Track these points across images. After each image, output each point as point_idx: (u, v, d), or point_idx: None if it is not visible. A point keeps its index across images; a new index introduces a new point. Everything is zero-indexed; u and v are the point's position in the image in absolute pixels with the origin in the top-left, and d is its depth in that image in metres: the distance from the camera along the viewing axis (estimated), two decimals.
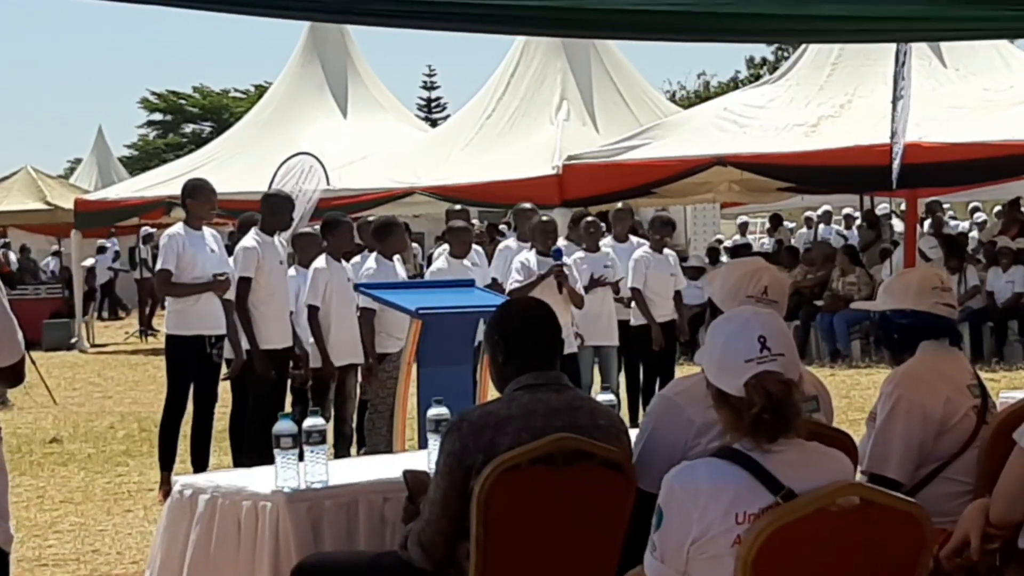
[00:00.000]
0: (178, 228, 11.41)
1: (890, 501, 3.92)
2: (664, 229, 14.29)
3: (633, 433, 5.34)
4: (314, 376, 11.63)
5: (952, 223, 28.95)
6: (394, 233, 12.12)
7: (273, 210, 11.48)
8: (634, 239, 14.70)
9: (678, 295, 14.21)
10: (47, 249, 35.62)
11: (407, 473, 5.45)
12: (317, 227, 12.85)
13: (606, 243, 14.33)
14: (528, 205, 14.39)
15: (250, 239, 11.21)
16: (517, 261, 12.60)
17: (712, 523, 3.78)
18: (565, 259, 12.46)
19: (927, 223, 24.16)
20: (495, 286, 12.96)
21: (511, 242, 14.39)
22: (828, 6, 5.97)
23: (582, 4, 5.81)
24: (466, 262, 12.77)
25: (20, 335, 4.53)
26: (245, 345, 11.14)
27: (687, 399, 4.96)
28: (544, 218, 13.08)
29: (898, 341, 5.75)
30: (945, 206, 28.18)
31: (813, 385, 5.39)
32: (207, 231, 11.49)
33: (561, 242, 13.45)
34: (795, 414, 3.89)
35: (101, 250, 33.78)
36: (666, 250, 14.24)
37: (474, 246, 14.15)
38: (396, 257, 12.15)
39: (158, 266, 11.59)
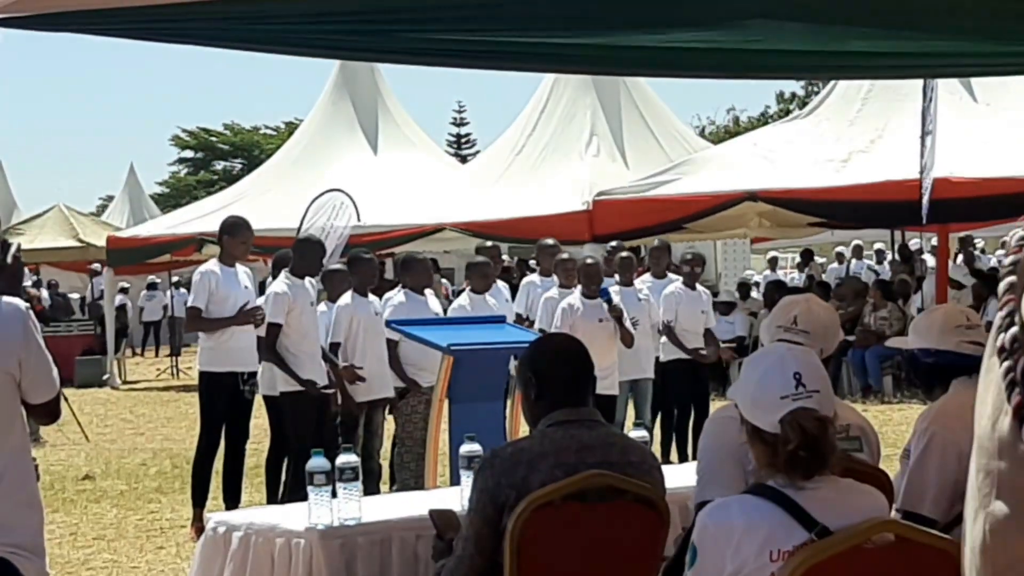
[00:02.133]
0: (211, 265, 11.44)
1: (925, 538, 3.91)
2: (695, 261, 14.25)
3: (667, 469, 5.34)
4: (341, 412, 11.65)
5: (984, 257, 28.85)
6: (418, 267, 12.13)
7: (303, 255, 11.50)
8: (671, 275, 14.68)
9: (708, 332, 14.14)
10: (78, 286, 35.75)
11: (433, 512, 5.46)
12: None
13: (645, 279, 14.37)
14: (551, 241, 14.37)
15: (281, 284, 11.22)
16: (561, 308, 12.52)
17: (746, 561, 3.77)
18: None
19: (959, 258, 24.08)
20: (520, 322, 12.96)
21: (535, 278, 14.37)
22: (858, 42, 5.99)
23: (613, 42, 5.83)
24: (489, 298, 12.76)
25: (55, 372, 4.56)
26: (284, 388, 11.12)
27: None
28: (589, 260, 13.00)
29: (925, 380, 5.76)
30: (978, 242, 28.12)
31: (859, 427, 5.36)
32: (240, 268, 11.52)
33: None
34: (831, 451, 3.88)
35: (151, 286, 33.92)
36: (699, 287, 14.20)
37: (501, 284, 14.13)
38: (429, 291, 12.17)
39: (189, 302, 11.62)
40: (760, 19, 5.42)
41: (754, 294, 24.70)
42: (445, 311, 12.89)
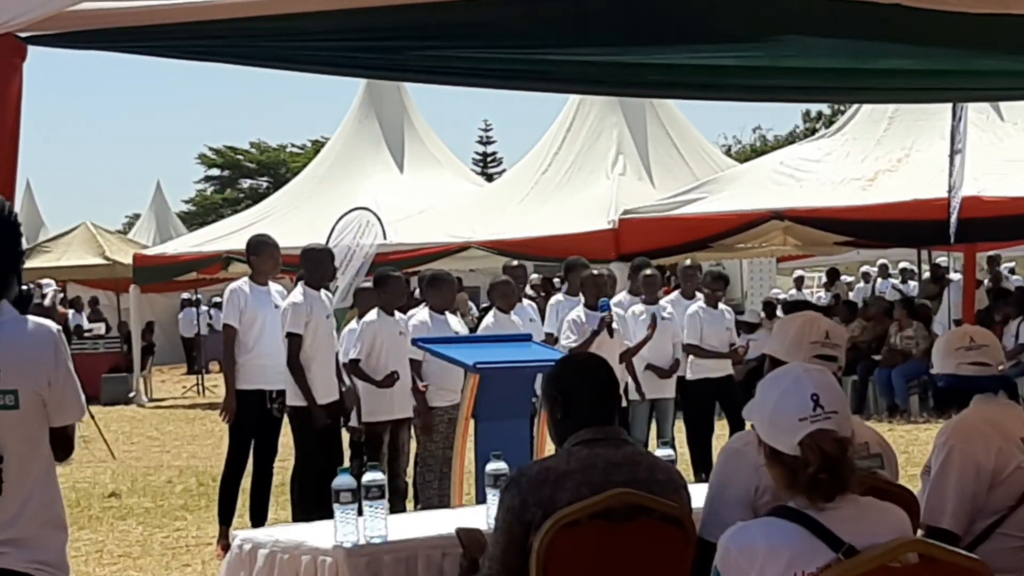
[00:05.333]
0: (241, 283, 11.44)
1: (952, 557, 3.89)
2: (717, 283, 14.31)
3: (695, 488, 5.32)
4: (367, 430, 11.64)
5: (1012, 277, 28.78)
6: (443, 286, 12.11)
7: (315, 264, 11.46)
8: (699, 295, 14.71)
9: (733, 350, 14.20)
10: (105, 303, 35.83)
11: (460, 531, 5.45)
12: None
13: (672, 298, 14.42)
14: (595, 271, 14.39)
15: (297, 295, 11.18)
16: (567, 321, 12.61)
17: None
18: (616, 310, 12.52)
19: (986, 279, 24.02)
20: (550, 341, 12.96)
21: (561, 296, 14.39)
22: (889, 60, 5.98)
23: (644, 60, 5.83)
24: (515, 317, 12.73)
25: (83, 397, 4.55)
26: (293, 401, 11.12)
27: (755, 449, 4.87)
28: (594, 271, 13.07)
29: (939, 402, 5.83)
30: (1010, 264, 27.99)
31: (878, 444, 5.35)
32: (273, 287, 11.53)
33: (623, 295, 13.54)
34: (850, 472, 3.86)
35: (187, 303, 33.97)
36: (721, 305, 14.22)
37: (528, 302, 14.12)
38: (449, 312, 12.16)
39: (222, 321, 11.60)
40: (793, 35, 5.42)
41: (780, 313, 24.62)
42: (472, 330, 12.86)
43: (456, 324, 12.25)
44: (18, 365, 4.36)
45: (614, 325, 12.47)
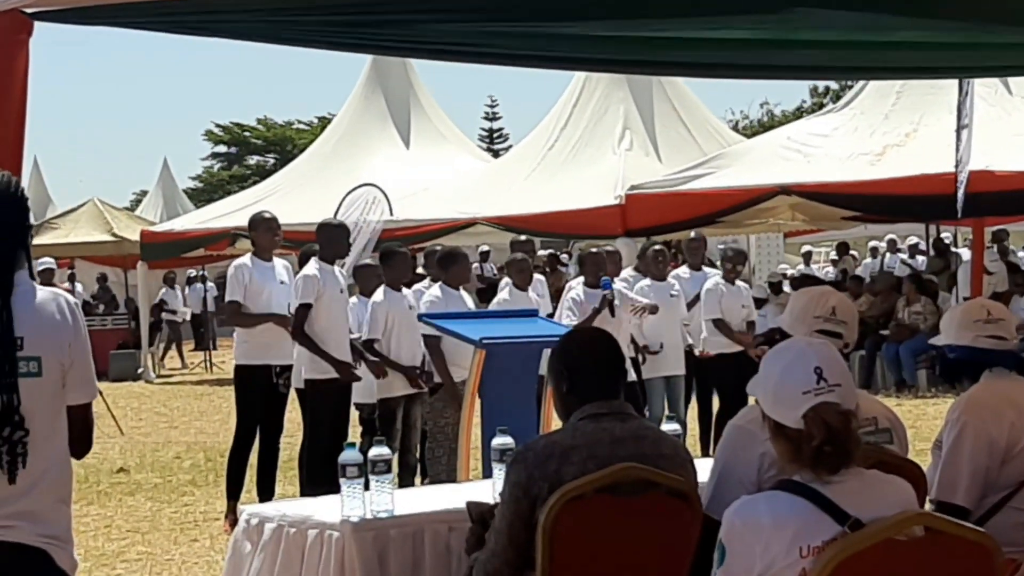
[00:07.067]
0: (245, 259, 11.47)
1: (959, 531, 3.88)
2: (737, 258, 14.30)
3: (703, 463, 5.33)
4: (381, 406, 11.65)
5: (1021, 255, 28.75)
6: (459, 263, 12.11)
7: (329, 239, 11.47)
8: (707, 269, 14.69)
9: (751, 326, 14.19)
10: (113, 280, 35.83)
11: (471, 504, 5.46)
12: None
13: (681, 271, 14.41)
14: (594, 249, 14.42)
15: (311, 268, 11.22)
16: (567, 299, 12.62)
17: (776, 557, 3.74)
18: (620, 286, 12.52)
19: (994, 248, 24.00)
20: None
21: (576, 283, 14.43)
22: (900, 32, 5.95)
23: (653, 33, 5.80)
24: (531, 293, 12.77)
25: (95, 375, 4.53)
26: (307, 375, 11.12)
27: (759, 426, 4.86)
28: (593, 250, 13.08)
29: (949, 374, 5.82)
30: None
31: (887, 418, 5.34)
32: (278, 262, 11.55)
33: (629, 272, 13.50)
34: (855, 445, 3.86)
35: (192, 280, 33.98)
36: (738, 281, 14.21)
37: (537, 276, 14.12)
38: (462, 288, 12.17)
39: (226, 298, 11.62)
40: (802, 7, 5.39)
41: (786, 288, 24.61)
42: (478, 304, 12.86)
43: (468, 300, 12.26)
44: (40, 332, 4.33)
45: (615, 303, 12.48)
